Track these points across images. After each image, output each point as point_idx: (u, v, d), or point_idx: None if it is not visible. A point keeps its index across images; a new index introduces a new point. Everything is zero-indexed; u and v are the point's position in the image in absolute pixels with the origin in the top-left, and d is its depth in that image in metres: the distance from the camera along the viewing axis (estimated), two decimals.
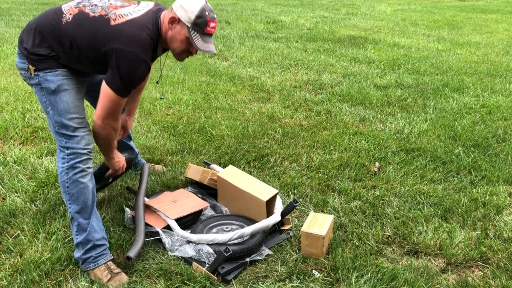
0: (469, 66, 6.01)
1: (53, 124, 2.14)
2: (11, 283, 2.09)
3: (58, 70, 2.10)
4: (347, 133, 3.77)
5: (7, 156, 3.25)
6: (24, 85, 4.72)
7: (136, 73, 2.06)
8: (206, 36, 2.11)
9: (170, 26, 2.11)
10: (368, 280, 2.12)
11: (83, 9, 2.10)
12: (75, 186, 2.12)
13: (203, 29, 2.09)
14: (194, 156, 3.32)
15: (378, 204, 2.76)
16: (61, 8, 2.13)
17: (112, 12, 2.09)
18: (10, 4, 11.44)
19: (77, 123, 2.13)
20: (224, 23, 9.24)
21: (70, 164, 2.12)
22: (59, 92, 2.10)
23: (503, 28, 9.21)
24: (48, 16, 2.11)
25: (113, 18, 2.06)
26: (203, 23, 2.07)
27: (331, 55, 6.66)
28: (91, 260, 2.14)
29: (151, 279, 2.14)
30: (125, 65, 2.03)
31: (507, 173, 3.12)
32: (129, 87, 2.09)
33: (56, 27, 2.07)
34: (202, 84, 5.05)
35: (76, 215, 2.15)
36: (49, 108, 2.13)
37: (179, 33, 2.10)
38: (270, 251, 2.32)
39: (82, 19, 2.07)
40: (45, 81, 2.09)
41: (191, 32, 2.08)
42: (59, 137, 2.14)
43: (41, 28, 2.08)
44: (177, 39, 2.12)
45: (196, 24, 2.06)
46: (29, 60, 2.08)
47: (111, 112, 2.12)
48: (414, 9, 12.37)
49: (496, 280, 2.15)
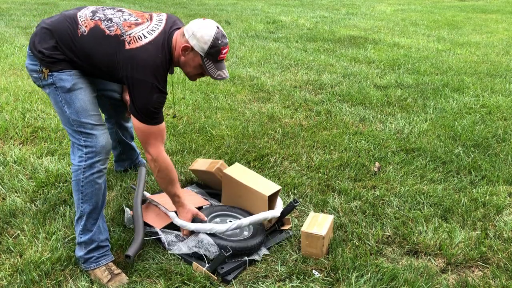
0: (469, 66, 6.01)
1: (70, 123, 2.12)
2: (11, 283, 2.09)
3: (72, 70, 2.10)
4: (347, 133, 3.77)
5: (7, 156, 3.25)
6: (24, 85, 4.72)
7: (152, 101, 2.07)
8: (219, 62, 2.16)
9: (183, 53, 2.13)
10: (368, 280, 2.12)
11: (99, 23, 2.09)
12: (90, 186, 2.12)
13: (216, 58, 2.13)
14: (194, 156, 3.32)
15: (378, 204, 2.76)
16: (77, 17, 2.11)
17: (127, 33, 2.08)
18: (10, 4, 11.44)
19: (95, 120, 2.14)
20: (224, 23, 9.24)
21: (88, 163, 2.11)
22: (74, 91, 2.11)
23: (503, 28, 9.21)
24: (64, 24, 2.09)
25: (127, 40, 2.07)
26: (216, 52, 2.11)
27: (331, 55, 6.66)
28: (93, 260, 2.14)
29: (151, 279, 2.14)
30: (140, 93, 2.06)
31: (507, 173, 3.12)
32: (148, 113, 2.10)
33: (72, 37, 2.06)
34: (202, 84, 5.05)
35: (86, 215, 2.14)
36: (65, 107, 2.12)
37: (193, 60, 2.14)
38: (267, 251, 2.32)
39: (98, 35, 2.07)
40: (59, 80, 2.09)
41: (204, 61, 2.12)
42: (78, 135, 2.12)
43: (57, 34, 2.07)
44: (190, 65, 2.17)
45: (210, 53, 2.10)
46: (43, 63, 2.07)
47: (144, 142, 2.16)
48: (414, 9, 12.38)
49: (496, 280, 2.15)
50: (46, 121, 3.83)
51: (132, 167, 3.08)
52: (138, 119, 2.11)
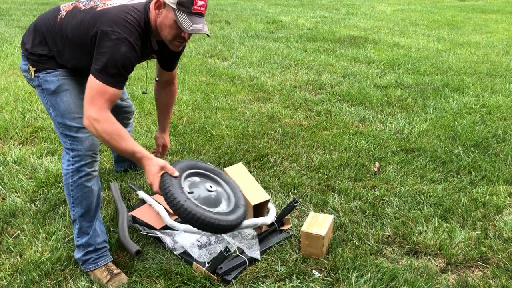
0: (469, 66, 6.01)
1: (56, 125, 2.12)
2: (11, 283, 2.09)
3: (58, 70, 2.08)
4: (347, 133, 3.77)
5: (7, 156, 3.25)
6: (24, 85, 4.72)
7: (119, 54, 1.87)
8: (194, 15, 1.96)
9: (157, 12, 1.98)
10: (368, 280, 2.12)
11: (77, 4, 2.08)
12: (79, 190, 2.09)
13: (190, 8, 1.93)
14: (194, 156, 3.32)
15: (378, 204, 2.76)
16: (59, 7, 2.13)
17: (102, 2, 2.04)
18: (10, 4, 11.44)
19: (80, 123, 2.05)
20: (224, 23, 9.24)
21: (75, 167, 2.07)
22: (59, 93, 2.08)
23: (503, 28, 9.21)
24: (47, 15, 2.11)
25: (100, 6, 2.01)
26: (189, 2, 1.92)
27: (331, 55, 6.66)
28: (91, 261, 2.14)
29: (151, 279, 2.14)
30: (107, 46, 1.86)
31: (507, 173, 3.12)
32: (109, 70, 1.87)
33: (52, 25, 2.06)
34: (202, 84, 5.05)
35: (79, 219, 2.13)
36: (51, 110, 2.10)
37: (166, 17, 1.96)
38: (258, 256, 2.28)
39: (74, 13, 2.05)
40: (45, 82, 2.08)
41: (177, 14, 1.93)
42: (64, 138, 2.11)
43: (39, 27, 2.08)
44: (166, 25, 1.98)
45: (181, 3, 1.92)
46: (29, 61, 2.08)
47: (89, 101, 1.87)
48: (414, 9, 12.37)
49: (496, 280, 2.15)
50: (46, 121, 3.83)
51: (132, 167, 3.08)
52: (96, 76, 1.87)
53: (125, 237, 2.28)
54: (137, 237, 2.41)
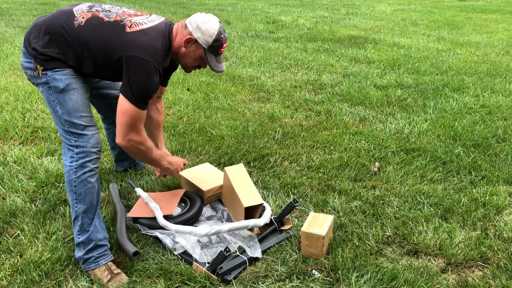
0: (469, 66, 6.01)
1: (62, 123, 2.13)
2: (11, 283, 2.09)
3: (66, 69, 2.10)
4: (347, 133, 3.77)
5: (7, 156, 3.25)
6: (24, 85, 4.72)
7: (149, 80, 2.05)
8: (219, 56, 2.23)
9: (185, 45, 2.17)
10: (368, 280, 2.12)
11: (96, 14, 2.11)
12: (83, 185, 2.13)
13: (217, 51, 2.20)
14: (194, 156, 3.32)
15: (378, 204, 2.76)
16: (73, 11, 2.12)
17: (128, 19, 2.11)
18: (10, 4, 11.44)
19: (86, 121, 2.13)
20: (224, 23, 9.24)
21: (79, 163, 2.11)
22: (67, 91, 2.10)
23: (503, 28, 9.21)
24: (59, 19, 2.10)
25: (128, 25, 2.08)
26: (219, 46, 2.18)
27: (331, 55, 6.66)
28: (92, 260, 2.14)
29: (151, 279, 2.14)
30: (137, 72, 2.03)
31: (507, 173, 3.12)
32: (143, 95, 2.06)
33: (67, 30, 2.06)
34: (202, 84, 5.05)
35: (81, 215, 2.15)
36: (58, 107, 2.12)
37: (194, 52, 2.19)
38: (260, 255, 2.29)
39: (97, 23, 2.08)
40: (53, 80, 2.08)
41: (206, 54, 2.19)
42: (68, 135, 2.13)
43: (51, 30, 2.07)
44: (190, 57, 2.21)
45: (213, 47, 2.17)
46: (37, 60, 2.07)
47: (130, 126, 2.08)
48: (414, 9, 12.38)
49: (496, 280, 2.15)
50: (46, 121, 3.84)
51: (132, 167, 3.08)
52: (131, 100, 2.04)
53: (123, 238, 2.28)
54: (137, 237, 2.41)
